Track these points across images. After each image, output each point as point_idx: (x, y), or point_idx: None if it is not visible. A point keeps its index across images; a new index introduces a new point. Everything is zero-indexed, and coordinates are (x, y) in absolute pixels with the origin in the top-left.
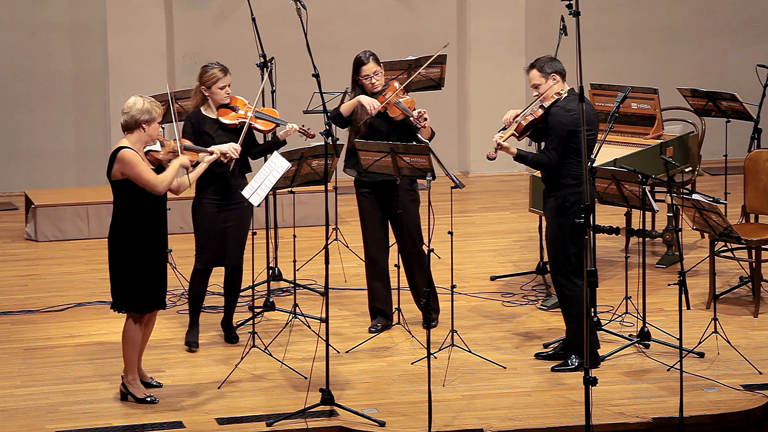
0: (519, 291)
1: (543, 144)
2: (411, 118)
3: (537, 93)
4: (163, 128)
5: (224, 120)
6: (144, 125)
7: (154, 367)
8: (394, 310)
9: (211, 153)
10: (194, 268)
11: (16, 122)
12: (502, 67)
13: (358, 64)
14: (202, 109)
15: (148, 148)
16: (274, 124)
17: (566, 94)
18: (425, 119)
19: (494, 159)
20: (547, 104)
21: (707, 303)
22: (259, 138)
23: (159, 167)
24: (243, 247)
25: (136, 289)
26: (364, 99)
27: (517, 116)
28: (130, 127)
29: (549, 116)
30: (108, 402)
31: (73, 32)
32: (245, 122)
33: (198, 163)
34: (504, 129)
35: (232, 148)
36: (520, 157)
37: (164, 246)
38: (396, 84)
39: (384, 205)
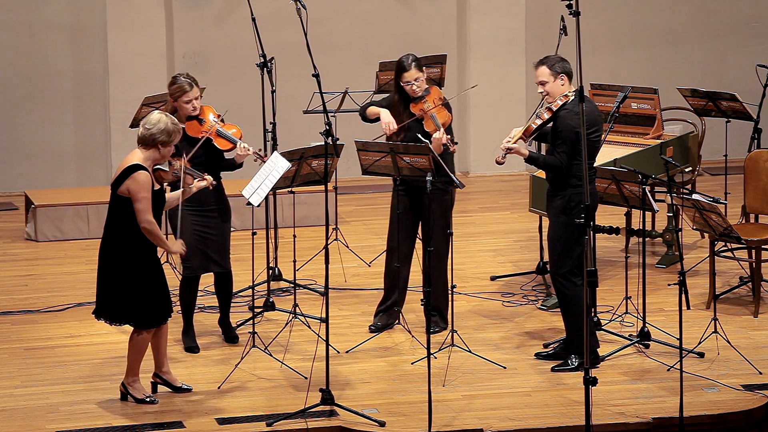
0: (519, 291)
1: (545, 146)
2: (443, 138)
3: (542, 90)
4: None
5: (189, 133)
6: (160, 146)
7: (154, 368)
8: (395, 310)
9: (203, 179)
10: (182, 276)
11: (16, 122)
12: (502, 67)
13: (400, 69)
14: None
15: (158, 166)
16: (232, 144)
17: (573, 97)
18: (455, 143)
19: (503, 164)
20: (555, 107)
21: (707, 303)
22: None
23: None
24: (227, 250)
25: (141, 305)
26: (384, 117)
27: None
28: (146, 143)
29: (558, 119)
30: (108, 402)
31: (73, 32)
32: (207, 137)
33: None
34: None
35: (211, 181)
36: (532, 159)
37: (158, 259)
38: (438, 90)
39: (416, 206)
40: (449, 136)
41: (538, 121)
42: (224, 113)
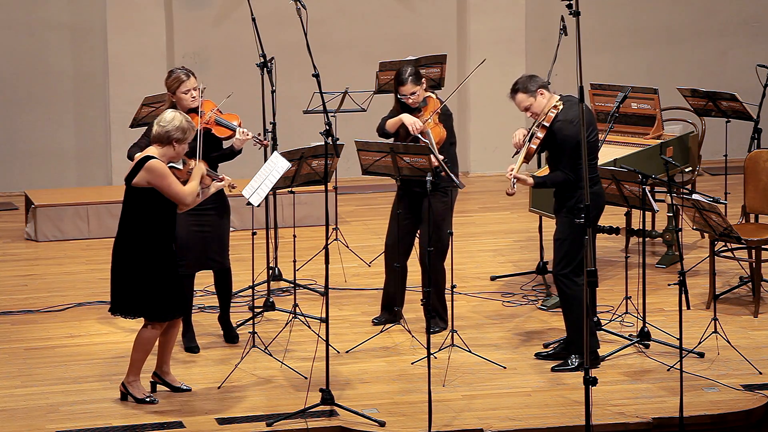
0: (519, 291)
1: (546, 152)
2: (433, 158)
3: (530, 115)
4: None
5: None
6: (175, 143)
7: (155, 367)
8: (395, 308)
9: (222, 180)
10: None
11: (16, 122)
12: (502, 67)
13: (398, 82)
14: None
15: (171, 164)
16: (231, 131)
17: (561, 105)
18: (448, 164)
19: (514, 194)
20: (548, 122)
21: (707, 303)
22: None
23: None
24: (225, 248)
25: (156, 297)
26: (407, 119)
27: (524, 137)
28: (161, 140)
29: (554, 133)
30: (108, 402)
31: (73, 32)
32: (206, 128)
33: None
34: (516, 153)
35: (231, 182)
36: (539, 185)
37: (174, 253)
38: (435, 102)
39: (415, 206)
40: (442, 157)
41: (538, 141)
42: (228, 96)
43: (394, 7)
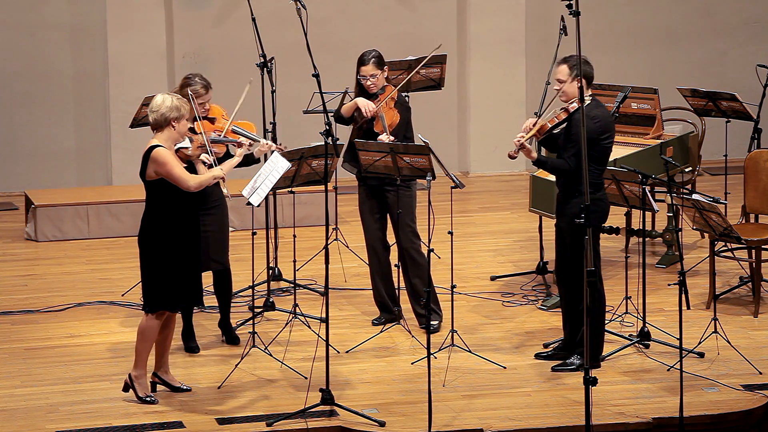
0: (519, 291)
1: (545, 151)
2: (387, 140)
3: (557, 88)
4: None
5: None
6: (174, 122)
7: (154, 367)
8: (394, 309)
9: (241, 145)
10: None
11: (16, 122)
12: (502, 67)
13: (359, 62)
14: None
15: (178, 145)
16: (250, 141)
17: (590, 101)
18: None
19: (515, 158)
20: (571, 109)
21: (707, 303)
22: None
23: (190, 164)
24: (226, 248)
25: (167, 287)
26: (361, 102)
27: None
28: (159, 125)
29: (572, 122)
30: (108, 402)
31: (73, 32)
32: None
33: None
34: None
35: (248, 143)
36: (540, 162)
37: (197, 246)
38: (393, 90)
39: (381, 202)
40: (393, 138)
41: (555, 121)
42: (250, 83)
43: (394, 7)
